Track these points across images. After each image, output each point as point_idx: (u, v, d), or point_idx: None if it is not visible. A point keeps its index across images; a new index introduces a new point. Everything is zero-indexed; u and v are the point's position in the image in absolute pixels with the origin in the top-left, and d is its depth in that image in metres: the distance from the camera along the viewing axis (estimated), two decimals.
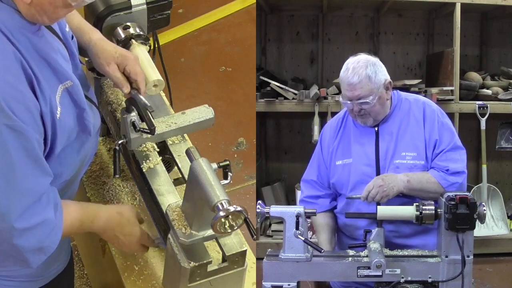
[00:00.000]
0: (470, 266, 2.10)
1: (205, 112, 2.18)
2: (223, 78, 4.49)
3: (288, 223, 2.13)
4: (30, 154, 1.56)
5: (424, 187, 2.27)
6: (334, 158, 2.42)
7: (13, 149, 1.51)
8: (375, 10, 4.77)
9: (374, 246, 2.16)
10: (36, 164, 1.59)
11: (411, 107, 2.40)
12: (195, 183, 1.76)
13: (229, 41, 4.75)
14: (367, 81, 2.27)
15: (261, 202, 2.21)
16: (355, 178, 2.35)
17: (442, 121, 2.37)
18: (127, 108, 2.05)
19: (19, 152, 1.53)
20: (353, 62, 2.32)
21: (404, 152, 2.33)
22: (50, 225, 1.65)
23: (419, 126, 2.35)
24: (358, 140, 2.39)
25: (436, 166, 2.32)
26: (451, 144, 2.34)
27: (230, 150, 4.03)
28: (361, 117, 2.34)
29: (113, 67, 1.92)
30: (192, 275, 1.80)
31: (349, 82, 2.28)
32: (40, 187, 1.62)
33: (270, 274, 2.15)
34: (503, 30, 4.78)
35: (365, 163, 2.35)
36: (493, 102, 4.21)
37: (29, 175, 1.58)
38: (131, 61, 1.94)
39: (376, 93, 2.28)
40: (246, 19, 4.88)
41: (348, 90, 2.29)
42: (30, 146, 1.55)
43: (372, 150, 2.35)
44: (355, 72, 2.28)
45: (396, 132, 2.36)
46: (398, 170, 2.30)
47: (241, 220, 1.71)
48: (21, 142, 1.52)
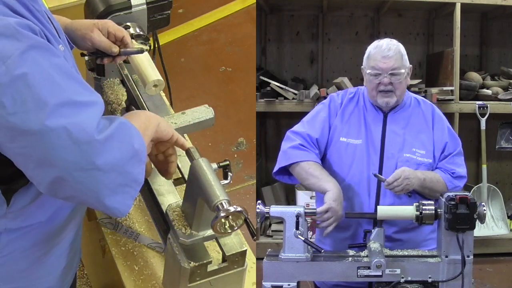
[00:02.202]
0: (470, 266, 2.10)
1: (205, 112, 2.18)
2: (223, 78, 4.50)
3: (288, 223, 2.13)
4: (65, 71, 1.41)
5: (434, 187, 2.31)
6: (339, 132, 2.39)
7: (49, 67, 1.37)
8: (375, 10, 4.77)
9: (374, 246, 2.16)
10: (76, 80, 1.43)
11: (421, 106, 2.44)
12: (195, 183, 1.76)
13: (229, 41, 4.76)
14: (400, 56, 2.33)
15: (261, 202, 2.21)
16: (359, 162, 2.34)
17: (449, 126, 2.44)
18: (127, 108, 2.05)
19: (56, 70, 1.38)
20: (385, 40, 2.37)
21: (415, 148, 2.36)
22: (128, 125, 1.47)
23: (428, 126, 2.39)
24: (368, 125, 2.39)
25: (443, 168, 2.37)
26: (458, 149, 2.41)
27: (230, 150, 4.03)
28: (385, 95, 2.33)
29: (96, 32, 1.91)
30: (192, 275, 1.80)
31: (384, 54, 2.31)
32: (97, 97, 1.45)
33: (270, 274, 2.15)
34: (503, 30, 4.78)
35: (371, 150, 2.35)
36: (493, 102, 4.21)
37: (79, 89, 1.41)
38: (111, 23, 1.94)
39: (406, 71, 2.33)
40: (246, 19, 4.88)
41: (382, 62, 2.31)
42: (61, 62, 1.42)
43: (378, 137, 2.37)
44: (389, 46, 2.33)
45: (405, 125, 2.38)
46: (408, 164, 2.32)
47: (241, 220, 1.71)
48: (51, 59, 1.39)
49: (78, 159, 1.36)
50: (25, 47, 1.36)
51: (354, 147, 2.36)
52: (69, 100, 1.38)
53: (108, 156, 1.39)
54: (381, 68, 2.31)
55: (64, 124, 1.35)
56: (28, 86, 1.34)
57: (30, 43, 1.37)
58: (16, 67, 1.34)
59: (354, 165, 2.36)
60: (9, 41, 1.35)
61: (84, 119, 1.38)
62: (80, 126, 1.36)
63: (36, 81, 1.35)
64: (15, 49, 1.35)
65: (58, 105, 1.36)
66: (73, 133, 1.35)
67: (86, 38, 1.93)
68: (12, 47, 1.35)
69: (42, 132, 1.34)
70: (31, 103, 1.34)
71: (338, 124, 2.40)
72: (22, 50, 1.35)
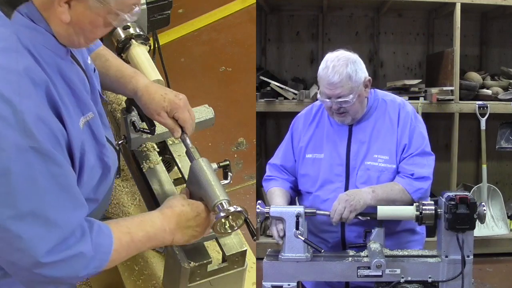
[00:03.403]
0: (470, 266, 2.10)
1: (205, 112, 2.18)
2: (223, 78, 4.49)
3: (288, 223, 2.13)
4: (60, 182, 1.41)
5: (390, 196, 2.24)
6: (305, 150, 2.40)
7: (40, 174, 1.37)
8: (375, 10, 4.77)
9: (374, 246, 2.16)
10: (68, 194, 1.44)
11: (387, 109, 2.36)
12: (195, 183, 1.76)
13: (229, 41, 4.75)
14: (347, 80, 2.22)
15: (261, 202, 2.21)
16: (324, 175, 2.33)
17: (415, 125, 2.35)
18: (127, 108, 2.05)
19: (47, 179, 1.38)
20: (333, 59, 2.26)
21: (377, 155, 2.30)
22: (86, 257, 1.49)
23: (393, 129, 2.33)
24: (331, 138, 2.37)
25: (402, 171, 2.30)
26: (420, 149, 2.31)
27: (230, 150, 4.03)
28: (339, 116, 2.30)
29: (163, 115, 1.88)
30: (192, 275, 1.80)
31: (329, 81, 2.22)
32: (71, 220, 1.45)
33: (270, 274, 2.15)
34: (503, 30, 4.78)
35: (336, 162, 2.33)
36: (493, 102, 4.21)
37: (59, 207, 1.42)
38: (180, 109, 1.89)
39: (356, 91, 2.24)
40: (246, 19, 4.88)
41: (328, 88, 2.25)
42: (59, 173, 1.41)
43: (343, 150, 2.34)
44: (335, 70, 2.22)
45: (370, 133, 2.33)
46: (369, 172, 2.28)
47: (241, 220, 1.71)
48: (49, 168, 1.38)
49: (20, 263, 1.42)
50: (26, 147, 1.35)
51: (319, 162, 2.36)
52: (40, 212, 1.39)
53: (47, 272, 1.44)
54: (327, 95, 2.26)
55: (21, 233, 1.38)
56: (7, 183, 1.34)
57: (33, 144, 1.35)
58: (6, 161, 1.33)
59: (321, 180, 2.34)
60: (15, 132, 1.34)
61: (42, 237, 1.41)
62: (33, 242, 1.39)
63: (18, 183, 1.35)
64: (14, 144, 1.34)
65: (26, 212, 1.37)
66: (25, 244, 1.39)
67: (151, 117, 1.92)
68: (14, 140, 1.34)
69: (1, 227, 1.37)
70: (2, 197, 1.35)
71: (303, 144, 2.41)
72: (21, 148, 1.34)
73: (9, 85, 1.35)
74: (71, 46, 1.54)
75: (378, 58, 4.86)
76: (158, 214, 1.71)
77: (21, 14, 1.41)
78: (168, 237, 1.69)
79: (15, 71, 1.36)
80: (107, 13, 1.45)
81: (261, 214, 2.17)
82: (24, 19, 1.42)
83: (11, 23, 1.41)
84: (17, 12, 1.41)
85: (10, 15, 1.41)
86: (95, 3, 1.42)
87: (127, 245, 1.60)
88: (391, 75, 4.83)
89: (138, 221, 1.67)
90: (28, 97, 1.37)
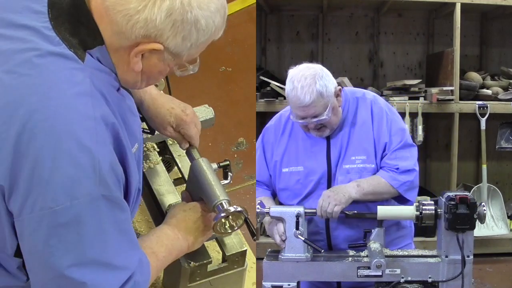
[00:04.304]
0: (470, 266, 2.10)
1: (205, 112, 2.18)
2: (223, 78, 4.48)
3: (288, 223, 2.13)
4: (123, 227, 1.42)
5: (376, 190, 2.22)
6: (280, 164, 2.35)
7: (108, 222, 1.36)
8: (375, 10, 4.77)
9: (374, 246, 2.16)
10: (128, 238, 1.44)
11: (358, 107, 2.31)
12: (195, 183, 1.76)
13: (229, 41, 4.74)
14: (320, 98, 2.14)
15: (261, 202, 2.21)
16: (307, 188, 2.30)
17: (392, 119, 2.29)
18: None
19: (113, 226, 1.38)
20: (299, 78, 2.16)
21: (354, 156, 2.27)
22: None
23: (367, 127, 2.28)
24: (309, 149, 2.32)
25: (385, 166, 2.26)
26: (402, 142, 2.27)
27: (230, 150, 4.02)
28: (317, 131, 2.26)
29: (169, 129, 1.89)
30: (192, 275, 1.80)
31: (301, 103, 2.13)
32: (131, 263, 1.44)
33: (270, 274, 2.15)
34: (503, 30, 4.78)
35: (317, 172, 2.29)
36: (493, 102, 4.21)
37: (121, 251, 1.41)
38: (187, 125, 1.88)
39: (330, 105, 2.18)
40: (246, 19, 4.87)
41: (301, 110, 2.16)
42: (123, 218, 1.41)
43: (323, 157, 2.30)
44: (305, 91, 2.12)
45: (347, 136, 2.29)
46: (349, 175, 2.25)
47: (241, 220, 1.71)
48: (115, 215, 1.38)
49: None
50: (98, 196, 1.33)
51: (297, 175, 2.31)
52: (105, 260, 1.38)
53: None
54: (301, 116, 2.20)
55: (86, 280, 1.35)
56: (77, 232, 1.33)
57: (104, 193, 1.34)
58: (79, 209, 1.31)
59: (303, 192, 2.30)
60: (90, 181, 1.32)
61: (106, 282, 1.38)
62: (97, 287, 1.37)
63: (87, 232, 1.34)
64: (89, 193, 1.32)
65: (90, 259, 1.36)
66: None
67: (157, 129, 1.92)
68: (89, 189, 1.31)
69: (64, 276, 1.34)
70: (71, 246, 1.33)
71: (278, 158, 2.36)
72: (94, 197, 1.32)
73: (87, 132, 1.32)
74: (131, 88, 1.54)
75: (378, 58, 4.86)
76: (166, 227, 1.72)
77: (92, 56, 1.39)
78: (184, 244, 1.71)
79: (92, 117, 1.34)
80: (176, 64, 1.46)
81: (261, 214, 2.17)
82: (94, 61, 1.39)
83: (84, 66, 1.37)
84: (88, 54, 1.39)
85: (83, 57, 1.38)
86: (169, 56, 1.41)
87: (155, 265, 1.61)
88: (391, 75, 4.83)
89: (154, 238, 1.67)
90: (104, 144, 1.35)
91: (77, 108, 1.33)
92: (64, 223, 1.31)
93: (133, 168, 1.47)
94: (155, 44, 1.37)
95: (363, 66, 4.87)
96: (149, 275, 1.54)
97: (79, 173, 1.30)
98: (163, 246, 1.65)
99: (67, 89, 1.33)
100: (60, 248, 1.33)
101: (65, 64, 1.35)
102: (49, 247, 1.32)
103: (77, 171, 1.30)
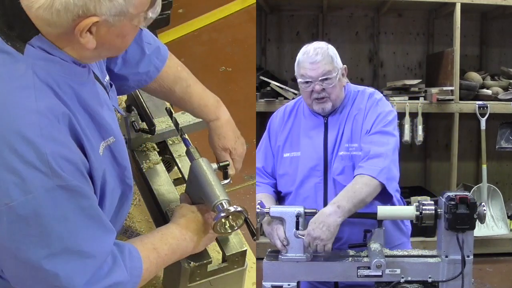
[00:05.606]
0: (470, 266, 2.10)
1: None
2: (223, 78, 4.49)
3: (288, 223, 2.13)
4: (89, 213, 1.41)
5: (357, 198, 2.11)
6: (282, 150, 2.39)
7: (71, 211, 1.36)
8: (375, 10, 4.77)
9: (374, 246, 2.16)
10: (97, 223, 1.43)
11: (357, 98, 2.37)
12: (195, 183, 1.77)
13: (229, 41, 4.75)
14: (330, 59, 2.27)
15: (261, 202, 2.21)
16: (303, 173, 2.32)
17: (382, 110, 2.30)
18: (127, 108, 2.05)
19: (78, 214, 1.37)
20: (312, 45, 2.32)
21: (348, 144, 2.29)
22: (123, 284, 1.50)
23: (361, 116, 2.32)
24: (307, 133, 2.36)
25: (361, 151, 2.24)
26: (381, 129, 2.26)
27: None
28: (319, 102, 2.29)
29: (226, 152, 1.96)
30: (192, 275, 1.80)
31: (312, 60, 2.26)
32: (104, 248, 1.45)
33: (270, 274, 2.15)
34: (503, 30, 4.78)
35: (313, 157, 2.31)
36: (493, 102, 4.21)
37: (91, 237, 1.41)
38: (239, 159, 1.99)
39: (338, 73, 2.28)
40: (246, 19, 4.87)
41: (311, 69, 2.26)
42: (88, 204, 1.40)
43: (320, 143, 2.32)
44: (317, 51, 2.27)
45: (344, 123, 2.32)
46: (344, 162, 2.26)
47: (241, 220, 1.71)
48: (77, 202, 1.37)
49: None
50: (53, 187, 1.32)
51: (297, 160, 2.34)
52: (74, 247, 1.38)
53: None
54: (311, 76, 2.26)
55: (57, 270, 1.37)
56: (39, 225, 1.33)
57: (60, 183, 1.33)
58: (35, 203, 1.31)
59: (299, 178, 2.32)
60: (41, 174, 1.31)
61: (78, 271, 1.40)
62: (70, 278, 1.39)
63: (50, 223, 1.34)
64: (42, 185, 1.31)
65: (60, 250, 1.37)
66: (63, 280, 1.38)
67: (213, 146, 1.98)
68: (41, 182, 1.31)
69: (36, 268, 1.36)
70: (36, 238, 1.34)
71: (280, 143, 2.40)
72: (49, 189, 1.32)
73: (30, 126, 1.31)
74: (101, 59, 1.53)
75: (378, 58, 4.86)
76: (175, 226, 1.72)
77: (33, 46, 1.36)
78: (189, 245, 1.71)
79: (35, 110, 1.32)
80: (130, 20, 1.40)
81: (261, 214, 2.17)
82: (37, 51, 1.36)
83: (24, 57, 1.35)
84: (29, 45, 1.36)
85: (22, 49, 1.35)
86: (115, 18, 1.36)
87: (155, 261, 1.61)
88: (391, 75, 4.83)
89: (159, 235, 1.68)
90: (50, 138, 1.33)
91: (18, 103, 1.32)
92: (24, 218, 1.31)
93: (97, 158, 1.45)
94: (89, 18, 1.32)
95: (363, 66, 4.87)
96: (140, 269, 1.54)
97: (27, 168, 1.30)
98: (166, 244, 1.65)
99: (8, 84, 1.33)
100: (26, 242, 1.33)
101: (3, 59, 1.34)
102: (15, 242, 1.33)
103: (25, 166, 1.30)
